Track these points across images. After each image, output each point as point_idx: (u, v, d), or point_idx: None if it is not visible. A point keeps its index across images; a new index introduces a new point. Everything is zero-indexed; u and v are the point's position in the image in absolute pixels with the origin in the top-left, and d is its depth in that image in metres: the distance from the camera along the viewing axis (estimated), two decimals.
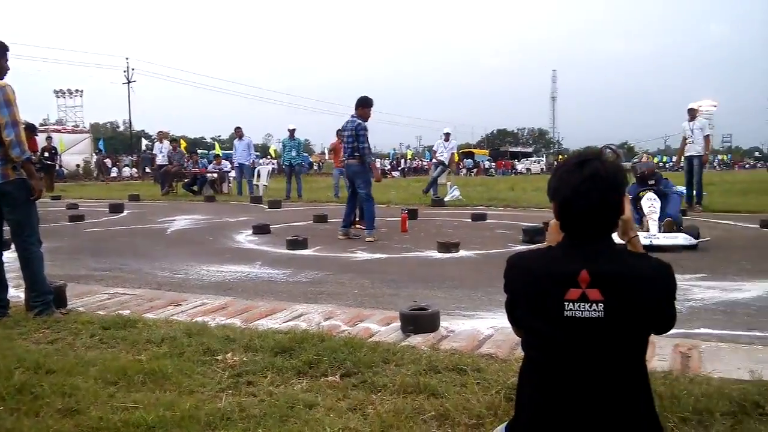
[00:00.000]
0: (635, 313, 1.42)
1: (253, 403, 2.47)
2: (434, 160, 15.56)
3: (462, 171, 43.75)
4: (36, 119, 43.66)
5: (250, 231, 8.58)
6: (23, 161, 3.81)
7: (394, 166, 49.07)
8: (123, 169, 38.47)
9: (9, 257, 4.21)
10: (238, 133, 16.58)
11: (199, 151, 29.52)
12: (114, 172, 36.60)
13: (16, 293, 4.22)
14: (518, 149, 75.40)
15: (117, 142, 58.40)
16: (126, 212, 12.06)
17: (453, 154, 15.13)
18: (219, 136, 67.55)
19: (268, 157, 38.98)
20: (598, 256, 1.44)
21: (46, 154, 18.41)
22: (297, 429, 2.21)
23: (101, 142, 41.89)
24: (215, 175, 18.23)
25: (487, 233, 8.50)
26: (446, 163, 14.60)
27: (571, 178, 1.46)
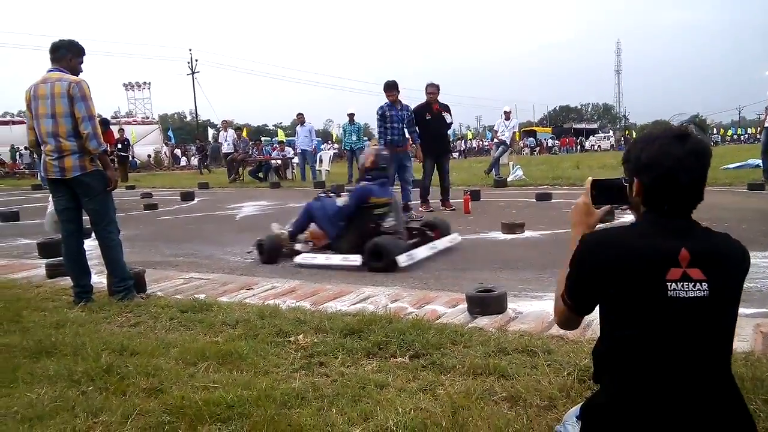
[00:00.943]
0: (732, 293, 1.40)
1: (326, 383, 2.53)
2: (495, 140, 15.29)
3: (525, 150, 42.78)
4: (107, 112, 45.53)
5: None
6: (100, 153, 4.00)
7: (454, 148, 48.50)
8: (192, 158, 39.62)
9: (90, 245, 4.41)
10: (300, 120, 16.76)
11: (263, 139, 30.12)
12: (183, 162, 37.75)
13: (99, 279, 4.44)
14: (582, 126, 72.84)
15: (184, 132, 60.15)
16: (197, 200, 12.51)
17: (514, 133, 14.84)
18: (281, 123, 68.51)
19: (330, 142, 39.29)
20: (691, 234, 1.40)
21: (120, 146, 19.08)
22: (369, 408, 2.25)
23: (170, 132, 43.29)
24: (279, 162, 18.58)
25: (554, 213, 8.33)
26: (508, 143, 14.34)
27: (674, 151, 1.40)
